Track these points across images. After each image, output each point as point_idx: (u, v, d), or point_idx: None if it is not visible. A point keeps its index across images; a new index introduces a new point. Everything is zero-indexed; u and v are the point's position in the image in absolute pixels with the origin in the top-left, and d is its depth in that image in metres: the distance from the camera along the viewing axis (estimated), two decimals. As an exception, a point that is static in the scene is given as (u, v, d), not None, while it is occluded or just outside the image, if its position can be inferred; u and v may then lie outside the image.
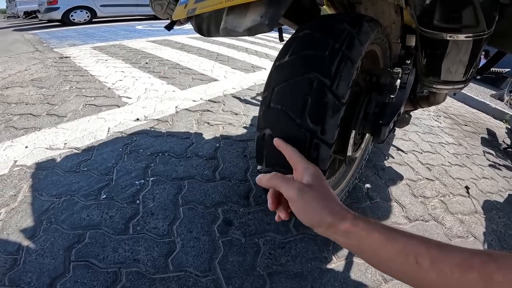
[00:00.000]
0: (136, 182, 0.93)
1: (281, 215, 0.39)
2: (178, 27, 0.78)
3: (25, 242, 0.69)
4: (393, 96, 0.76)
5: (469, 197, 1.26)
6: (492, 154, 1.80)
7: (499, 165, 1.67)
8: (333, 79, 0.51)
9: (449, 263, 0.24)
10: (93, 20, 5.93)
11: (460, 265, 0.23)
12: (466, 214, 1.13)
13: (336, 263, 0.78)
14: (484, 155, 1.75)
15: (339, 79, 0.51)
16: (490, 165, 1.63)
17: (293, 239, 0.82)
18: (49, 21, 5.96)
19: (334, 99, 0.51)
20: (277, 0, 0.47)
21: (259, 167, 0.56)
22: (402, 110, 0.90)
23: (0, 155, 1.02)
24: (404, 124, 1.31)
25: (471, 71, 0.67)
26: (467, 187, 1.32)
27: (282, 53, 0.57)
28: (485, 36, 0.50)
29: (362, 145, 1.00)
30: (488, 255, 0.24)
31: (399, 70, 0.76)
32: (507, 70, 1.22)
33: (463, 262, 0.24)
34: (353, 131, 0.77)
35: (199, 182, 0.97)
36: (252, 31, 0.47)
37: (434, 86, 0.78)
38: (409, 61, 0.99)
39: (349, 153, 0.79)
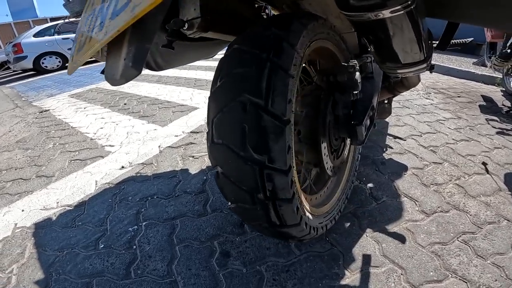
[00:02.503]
0: (130, 228, 1.05)
1: None
2: None
3: (41, 292, 0.83)
4: (356, 92, 0.75)
5: (488, 173, 1.23)
6: (496, 120, 1.81)
7: (507, 130, 1.67)
8: (266, 97, 0.48)
9: None
10: (66, 65, 6.39)
11: None
12: (489, 194, 1.09)
13: (351, 278, 0.79)
14: (488, 123, 1.76)
15: (273, 95, 0.48)
16: (498, 133, 1.63)
17: (297, 260, 0.85)
18: (24, 70, 6.43)
19: (273, 120, 0.48)
20: (139, 33, 0.43)
21: (229, 203, 0.61)
22: (375, 102, 0.89)
23: (1, 221, 1.18)
24: (386, 114, 1.35)
25: (424, 48, 0.67)
26: (484, 163, 1.30)
27: (215, 77, 0.55)
28: (412, 7, 0.49)
29: (346, 148, 0.99)
30: None
31: (354, 62, 0.73)
32: (470, 39, 1.34)
33: None
34: (324, 141, 0.76)
35: (191, 219, 1.06)
36: (126, 78, 0.44)
37: (396, 71, 0.79)
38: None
39: (328, 163, 0.80)
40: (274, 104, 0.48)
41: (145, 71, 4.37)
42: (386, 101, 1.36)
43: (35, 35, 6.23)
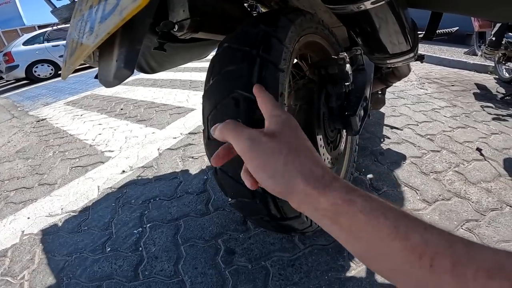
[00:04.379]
0: (135, 231, 1.08)
1: (246, 182, 0.30)
2: None
3: (54, 298, 0.86)
4: (348, 83, 0.77)
5: (485, 159, 1.24)
6: (492, 107, 1.86)
7: (503, 116, 1.71)
8: None
9: (476, 267, 0.19)
10: (59, 72, 6.38)
11: (490, 269, 0.18)
12: (489, 180, 1.10)
13: (356, 269, 0.80)
14: (484, 110, 1.81)
15: (265, 89, 0.50)
16: (494, 119, 1.67)
17: (302, 254, 0.86)
18: (17, 80, 6.37)
19: None
20: (129, 36, 0.44)
21: (230, 199, 0.63)
22: (368, 93, 0.92)
23: (8, 229, 1.21)
24: (380, 105, 1.39)
25: (410, 38, 0.70)
26: (478, 149, 1.32)
27: (207, 76, 0.58)
28: None
29: (343, 140, 1.01)
30: None
31: (344, 54, 0.76)
32: (455, 28, 1.38)
33: (495, 266, 0.18)
34: (319, 133, 0.78)
35: (194, 218, 1.09)
36: (119, 79, 0.45)
37: (385, 61, 0.82)
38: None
39: (325, 155, 0.82)
40: None
41: (140, 75, 4.39)
42: (380, 92, 1.39)
43: (25, 43, 6.21)
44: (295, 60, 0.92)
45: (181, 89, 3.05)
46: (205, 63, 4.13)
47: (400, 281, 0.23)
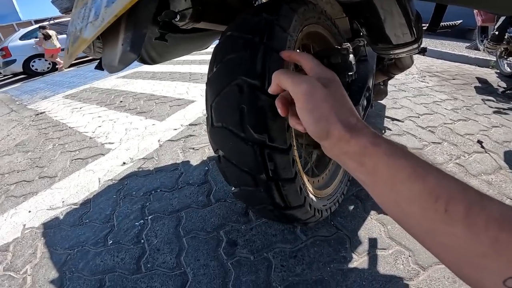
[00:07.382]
0: (136, 223, 1.07)
1: (278, 107, 0.36)
2: None
3: (57, 292, 0.85)
4: (351, 73, 0.75)
5: (485, 152, 1.24)
6: (493, 100, 1.85)
7: (504, 109, 1.70)
8: (262, 78, 0.49)
9: (486, 217, 0.19)
10: (57, 66, 6.30)
11: (500, 221, 0.19)
12: (490, 173, 1.10)
13: (358, 261, 0.80)
14: (485, 103, 1.80)
15: (268, 76, 0.49)
16: (495, 112, 1.67)
17: (304, 245, 0.85)
18: (14, 74, 6.36)
19: (271, 100, 0.48)
20: (134, 20, 0.45)
21: (233, 188, 0.61)
22: (371, 83, 0.91)
23: (9, 223, 1.20)
24: (382, 96, 1.39)
25: (414, 28, 0.70)
26: (479, 141, 1.32)
27: (210, 64, 0.57)
28: None
29: None
30: None
31: (347, 45, 0.75)
32: (459, 21, 1.35)
33: (503, 217, 0.19)
34: None
35: (196, 210, 1.08)
36: (124, 63, 0.46)
37: (389, 52, 0.81)
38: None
39: None
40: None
41: (139, 68, 4.33)
42: (382, 83, 1.38)
43: (21, 38, 6.17)
44: (298, 51, 0.91)
45: (180, 81, 3.02)
46: (204, 56, 4.07)
47: (412, 227, 0.25)
